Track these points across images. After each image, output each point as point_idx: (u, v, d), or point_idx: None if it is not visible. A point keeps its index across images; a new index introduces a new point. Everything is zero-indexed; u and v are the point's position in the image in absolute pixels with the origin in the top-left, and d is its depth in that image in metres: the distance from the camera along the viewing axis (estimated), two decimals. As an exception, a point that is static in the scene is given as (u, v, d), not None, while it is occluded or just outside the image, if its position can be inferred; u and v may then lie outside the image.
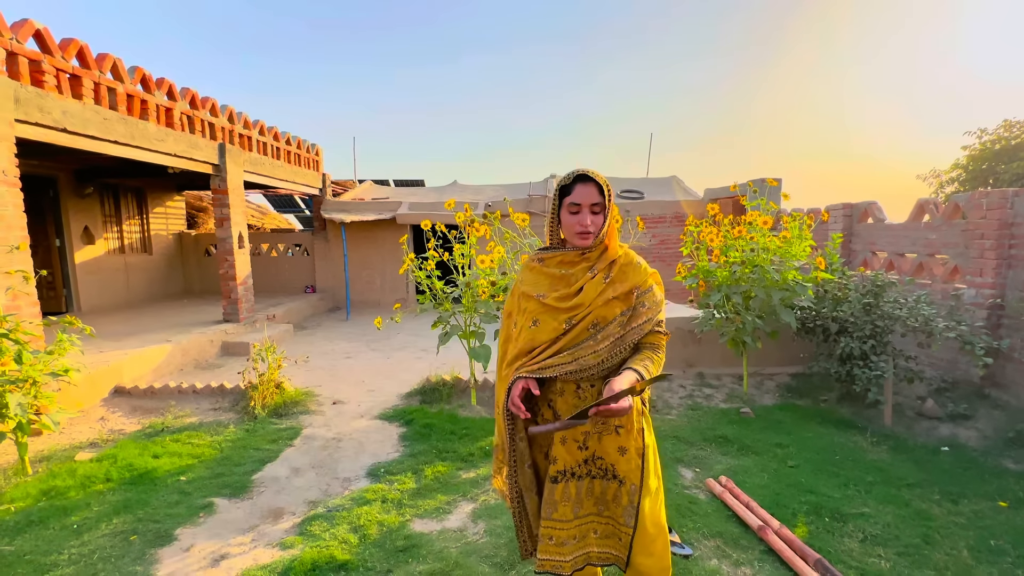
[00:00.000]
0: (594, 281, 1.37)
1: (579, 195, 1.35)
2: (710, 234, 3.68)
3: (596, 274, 1.38)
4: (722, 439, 3.33)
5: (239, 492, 2.76)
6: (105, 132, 4.26)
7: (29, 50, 3.68)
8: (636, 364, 1.32)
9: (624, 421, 1.38)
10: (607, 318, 1.36)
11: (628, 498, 1.39)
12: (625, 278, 1.38)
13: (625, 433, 1.39)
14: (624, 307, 1.36)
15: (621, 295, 1.36)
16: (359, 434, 3.57)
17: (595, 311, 1.36)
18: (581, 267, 1.40)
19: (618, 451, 1.39)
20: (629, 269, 1.40)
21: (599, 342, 1.35)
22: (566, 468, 1.40)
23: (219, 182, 5.94)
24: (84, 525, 2.41)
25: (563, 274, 1.42)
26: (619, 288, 1.37)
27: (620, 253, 1.41)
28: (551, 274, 1.43)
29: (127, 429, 3.68)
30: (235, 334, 5.97)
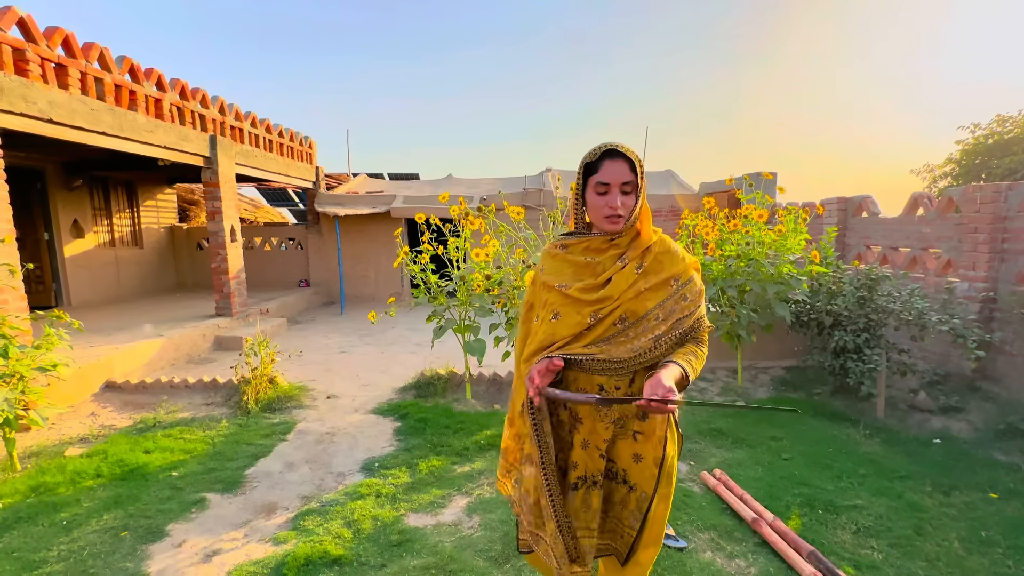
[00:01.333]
0: (624, 271, 1.24)
1: (608, 173, 1.20)
2: (705, 227, 3.67)
3: (627, 263, 1.24)
4: (716, 432, 3.34)
5: (232, 487, 2.74)
6: (93, 123, 4.18)
7: (12, 38, 3.60)
8: (679, 358, 1.18)
9: (644, 427, 1.27)
10: (637, 313, 1.22)
11: (636, 504, 1.31)
12: (661, 268, 1.24)
13: (643, 440, 1.28)
14: (659, 300, 1.23)
15: (655, 286, 1.23)
16: (353, 428, 3.55)
17: (624, 304, 1.22)
18: (610, 255, 1.26)
19: (632, 458, 1.29)
20: (666, 258, 1.26)
21: (631, 339, 1.22)
22: (587, 475, 1.30)
23: (210, 175, 5.86)
24: (74, 521, 2.38)
25: (588, 262, 1.28)
26: (653, 279, 1.23)
27: (655, 239, 1.27)
28: (575, 262, 1.30)
29: (118, 424, 3.64)
30: (228, 328, 5.92)
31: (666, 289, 1.23)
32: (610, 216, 1.22)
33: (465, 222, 3.67)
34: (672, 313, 1.22)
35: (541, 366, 1.19)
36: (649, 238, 1.26)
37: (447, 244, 3.85)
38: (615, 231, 1.24)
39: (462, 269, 3.83)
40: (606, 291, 1.23)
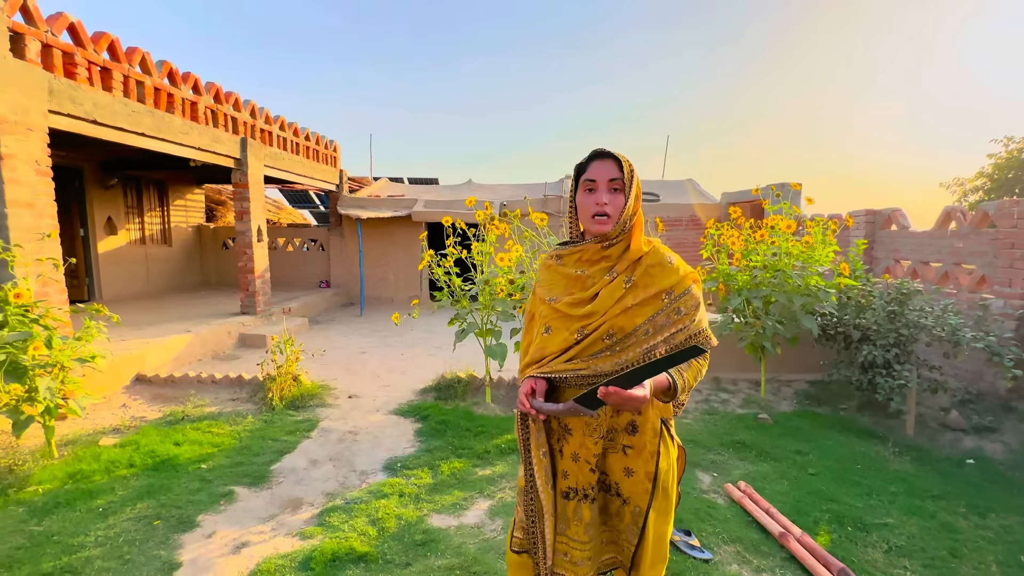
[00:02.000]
0: (612, 285, 1.21)
1: (595, 170, 1.21)
2: (731, 237, 3.64)
3: (616, 276, 1.21)
4: (740, 444, 3.30)
5: (259, 481, 2.80)
6: (133, 124, 4.33)
7: (63, 43, 3.76)
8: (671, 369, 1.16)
9: (633, 441, 1.24)
10: (625, 329, 1.18)
11: (631, 518, 1.28)
12: (651, 281, 1.20)
13: (634, 454, 1.25)
14: (649, 315, 1.18)
15: (644, 301, 1.19)
16: (375, 428, 3.59)
17: (611, 320, 1.19)
18: (600, 267, 1.24)
19: (623, 472, 1.27)
20: (657, 270, 1.21)
21: (617, 353, 1.19)
22: (578, 487, 1.29)
23: (240, 176, 6.01)
24: (109, 508, 2.46)
25: (579, 275, 1.26)
26: (641, 294, 1.19)
27: (646, 250, 1.23)
28: (567, 274, 1.28)
29: (148, 416, 3.74)
30: (252, 326, 6.04)
31: (656, 303, 1.19)
32: (598, 214, 1.19)
33: (491, 227, 3.70)
34: (663, 328, 1.18)
35: (526, 387, 1.24)
36: (639, 249, 1.22)
37: (470, 248, 3.89)
38: (603, 232, 1.21)
39: (485, 273, 3.86)
40: (592, 306, 1.21)
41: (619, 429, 1.25)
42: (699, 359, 1.20)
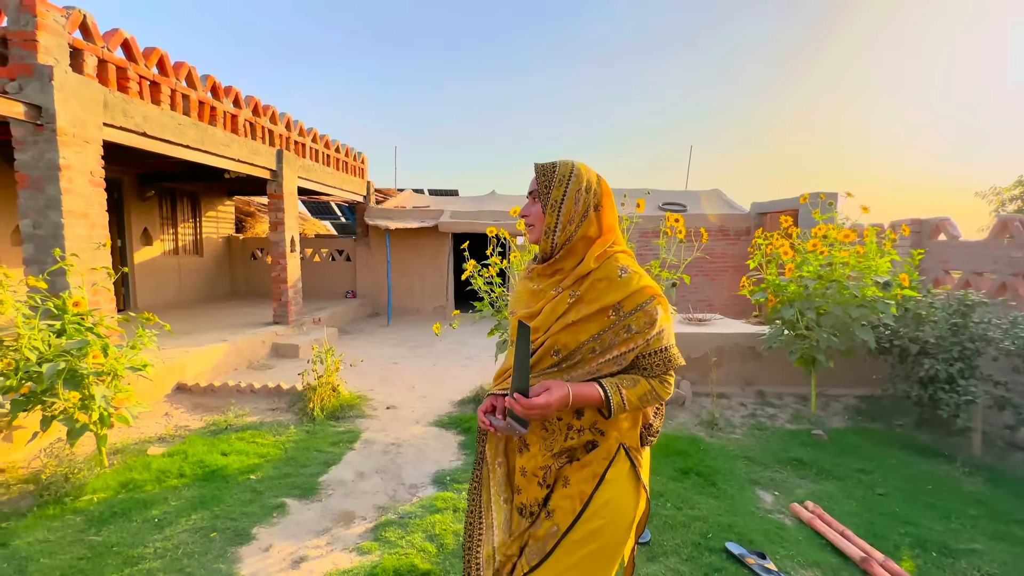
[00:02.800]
0: (556, 300, 1.14)
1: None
2: (782, 247, 3.55)
3: (561, 291, 1.14)
4: (797, 462, 3.17)
5: (308, 494, 2.76)
6: (179, 137, 4.42)
7: (117, 58, 3.86)
8: (607, 380, 1.10)
9: (585, 457, 1.14)
10: (569, 346, 1.11)
11: (545, 535, 1.13)
12: (596, 296, 1.10)
13: (579, 466, 1.15)
14: (594, 331, 1.10)
15: (588, 317, 1.10)
16: (418, 440, 3.54)
17: (552, 336, 1.12)
18: (552, 281, 1.18)
19: (561, 480, 1.16)
20: (603, 284, 1.10)
21: (565, 370, 1.13)
22: (526, 503, 1.19)
23: (275, 187, 6.09)
24: (165, 519, 2.43)
25: (535, 289, 1.21)
26: (585, 309, 1.10)
27: (594, 266, 1.13)
28: (528, 288, 1.24)
29: (192, 425, 3.74)
30: (284, 336, 6.06)
31: (601, 320, 1.10)
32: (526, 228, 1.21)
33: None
34: (612, 347, 1.10)
35: (486, 404, 1.23)
36: (588, 266, 1.13)
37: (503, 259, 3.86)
38: (531, 241, 1.22)
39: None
40: (536, 322, 1.15)
41: (577, 448, 1.16)
42: (650, 379, 1.12)
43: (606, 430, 1.15)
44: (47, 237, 3.35)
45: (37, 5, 3.23)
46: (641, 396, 1.10)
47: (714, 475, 2.93)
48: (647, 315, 1.09)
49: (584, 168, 1.17)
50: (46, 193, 3.31)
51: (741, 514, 2.54)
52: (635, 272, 1.13)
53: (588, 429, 1.15)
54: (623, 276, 1.11)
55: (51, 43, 3.32)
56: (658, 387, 1.12)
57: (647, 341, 1.10)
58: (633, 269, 1.13)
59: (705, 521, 2.45)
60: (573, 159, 1.18)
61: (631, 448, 1.17)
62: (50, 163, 3.29)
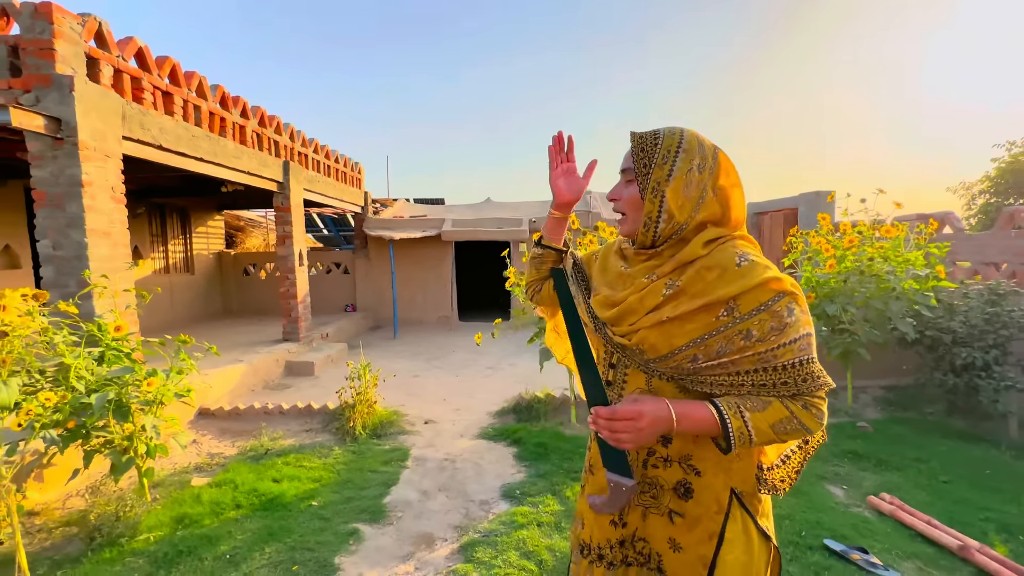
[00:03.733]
0: (646, 290, 0.92)
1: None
2: (821, 243, 3.63)
3: (655, 280, 0.92)
4: (852, 454, 3.23)
5: (377, 517, 2.63)
6: (192, 149, 4.22)
7: (132, 68, 3.66)
8: (724, 400, 0.85)
9: (684, 509, 0.92)
10: (658, 349, 0.89)
11: None
12: (702, 289, 0.87)
13: (683, 527, 0.92)
14: (696, 335, 0.86)
15: (687, 315, 0.87)
16: (469, 454, 3.44)
17: (638, 335, 0.91)
18: (642, 267, 0.96)
19: (668, 543, 0.94)
20: (714, 275, 0.86)
21: (643, 380, 0.93)
22: (592, 544, 1.02)
23: (282, 200, 5.89)
24: (237, 555, 2.28)
25: (622, 272, 1.01)
26: (685, 304, 0.87)
27: (703, 252, 0.89)
28: (615, 268, 1.04)
29: (225, 452, 3.54)
30: (297, 353, 5.84)
31: (707, 320, 0.86)
32: (616, 211, 1.00)
33: (582, 240, 3.64)
34: (721, 355, 0.85)
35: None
36: (695, 251, 0.89)
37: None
38: (624, 232, 1.00)
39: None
40: (612, 312, 0.96)
41: (664, 486, 0.94)
42: (788, 402, 0.84)
43: (704, 468, 0.91)
44: (69, 258, 3.13)
45: (53, 12, 3.03)
46: (775, 424, 0.82)
47: (781, 472, 2.94)
48: (774, 317, 0.82)
49: (696, 137, 0.92)
50: (67, 211, 3.10)
51: (822, 510, 2.55)
52: (759, 262, 0.86)
53: (678, 463, 0.92)
54: (742, 265, 0.85)
55: (68, 52, 3.12)
56: (801, 413, 0.82)
57: (772, 352, 0.82)
58: (756, 257, 0.88)
59: (792, 519, 2.45)
60: (682, 127, 0.93)
61: (745, 495, 0.92)
62: (71, 179, 3.08)
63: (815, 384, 0.83)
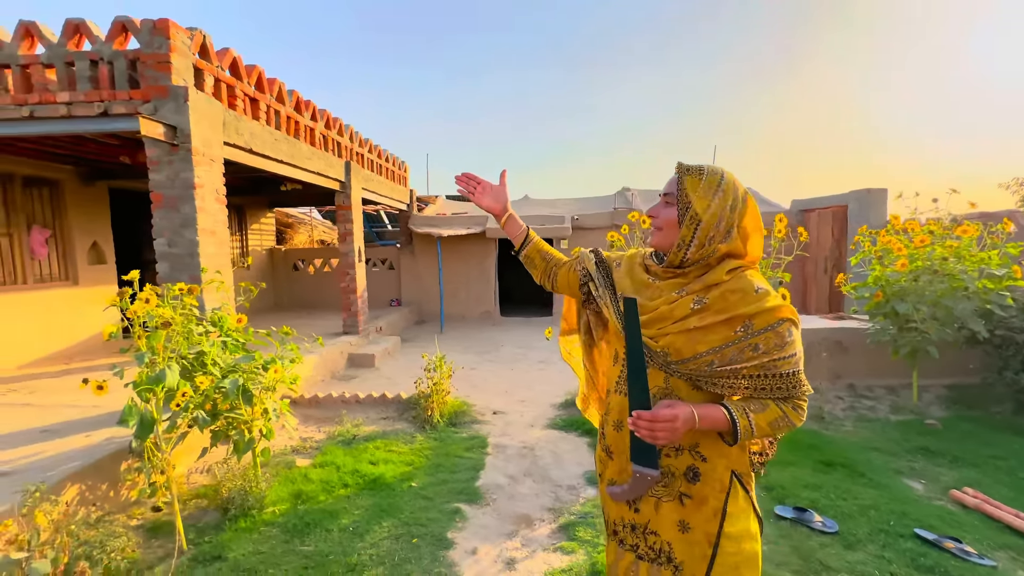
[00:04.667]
0: (676, 303, 1.08)
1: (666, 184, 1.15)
2: (892, 242, 3.67)
3: (684, 295, 1.09)
4: (925, 450, 3.28)
5: (475, 499, 2.82)
6: (275, 152, 4.47)
7: (228, 77, 3.92)
8: (732, 403, 1.04)
9: (693, 491, 1.08)
10: (683, 352, 1.06)
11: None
12: (726, 306, 1.04)
13: (692, 506, 1.08)
14: (716, 344, 1.04)
15: (712, 327, 1.04)
16: (545, 443, 3.61)
17: (666, 339, 1.08)
18: (671, 283, 1.13)
19: (678, 527, 1.09)
20: (736, 297, 1.04)
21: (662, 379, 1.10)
22: (609, 520, 1.22)
23: (343, 198, 6.15)
24: (359, 527, 2.49)
25: (649, 282, 1.17)
26: (710, 318, 1.04)
27: (726, 278, 1.07)
28: (640, 278, 1.20)
29: (315, 436, 3.79)
30: (358, 346, 6.11)
31: (726, 332, 1.04)
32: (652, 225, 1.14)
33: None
34: (731, 362, 1.03)
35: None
36: (720, 276, 1.07)
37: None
38: (656, 245, 1.15)
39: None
40: (646, 317, 1.10)
41: (676, 473, 1.10)
42: (781, 404, 1.03)
43: (709, 455, 1.08)
44: (182, 255, 3.40)
45: (170, 28, 3.29)
46: (772, 422, 1.02)
47: (857, 466, 3.03)
48: (778, 336, 1.02)
49: (734, 181, 1.09)
50: (181, 212, 3.36)
51: (905, 502, 2.64)
52: (771, 291, 1.07)
53: (688, 451, 1.09)
54: (759, 292, 1.05)
55: (181, 64, 3.37)
56: (791, 413, 1.03)
57: (774, 362, 1.02)
58: (768, 287, 1.08)
59: (878, 510, 2.54)
60: (723, 167, 1.09)
61: (743, 475, 1.11)
62: (185, 182, 3.34)
63: (802, 390, 1.04)
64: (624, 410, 1.15)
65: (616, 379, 1.21)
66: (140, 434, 2.20)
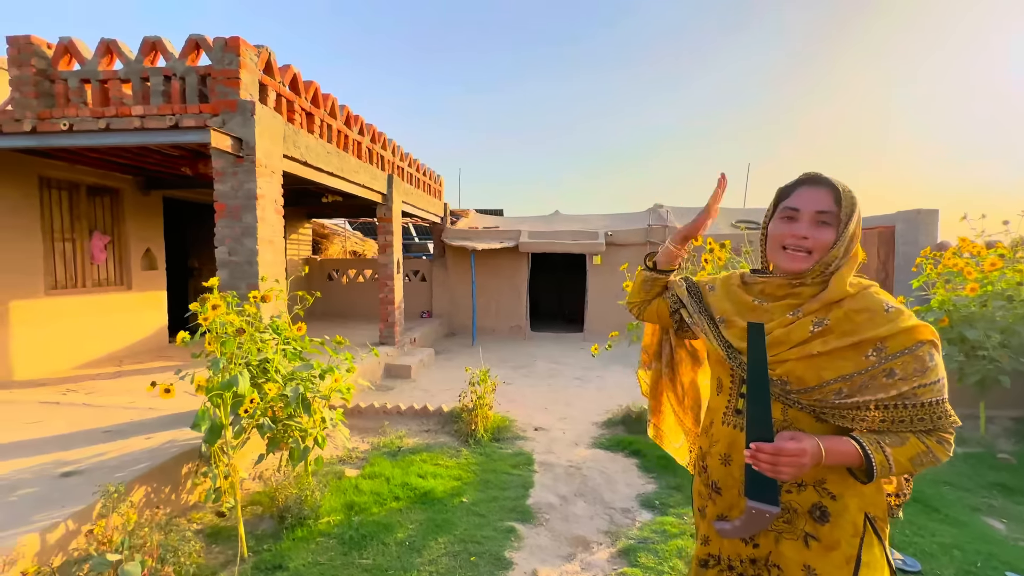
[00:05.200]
0: (792, 325, 1.00)
1: (800, 198, 1.01)
2: (962, 265, 3.52)
3: (801, 316, 1.00)
4: (1001, 487, 3.10)
5: (528, 518, 2.76)
6: (326, 164, 4.59)
7: (288, 92, 4.05)
8: (865, 435, 0.93)
9: (820, 533, 0.98)
10: (805, 380, 0.97)
11: None
12: (852, 328, 0.95)
13: (820, 551, 0.98)
14: (844, 371, 0.95)
15: (838, 352, 0.95)
16: (592, 463, 3.53)
17: (784, 367, 0.99)
18: (784, 303, 1.04)
19: (802, 571, 1.00)
20: (864, 317, 0.96)
21: (779, 410, 1.00)
22: (720, 555, 1.11)
23: (385, 211, 6.25)
24: (415, 542, 2.46)
25: (756, 305, 1.08)
26: (835, 341, 0.95)
27: (852, 292, 0.99)
28: (742, 300, 1.10)
29: (360, 447, 3.79)
30: (394, 357, 6.14)
31: (856, 358, 0.94)
32: (792, 247, 1.01)
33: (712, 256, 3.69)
34: (864, 390, 0.93)
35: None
36: (842, 290, 0.98)
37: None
38: (796, 270, 1.01)
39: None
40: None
41: (799, 511, 1.00)
42: (923, 437, 0.92)
43: (840, 492, 0.98)
44: (242, 263, 3.48)
45: (241, 45, 3.42)
46: (913, 458, 0.91)
47: (930, 501, 2.87)
48: (918, 360, 0.92)
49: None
50: (243, 221, 3.46)
51: (991, 542, 2.48)
52: (904, 310, 0.97)
53: (813, 486, 0.99)
54: (890, 311, 0.95)
55: (248, 80, 3.50)
56: (936, 448, 0.92)
57: (914, 391, 0.91)
58: (899, 305, 0.98)
59: (962, 550, 2.39)
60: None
61: (878, 520, 0.99)
62: (248, 193, 3.44)
63: (948, 421, 0.93)
64: (734, 443, 1.08)
65: (723, 410, 1.13)
66: (209, 438, 2.23)
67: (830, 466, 0.95)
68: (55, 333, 4.72)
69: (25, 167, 4.40)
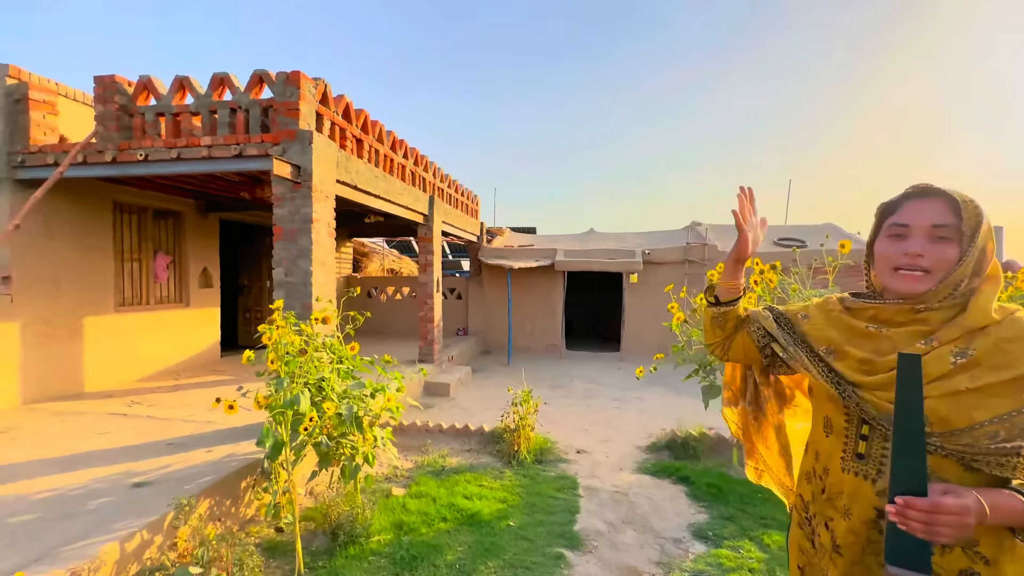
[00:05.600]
0: (929, 357, 0.86)
1: (908, 212, 0.91)
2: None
3: (935, 345, 0.87)
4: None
5: (575, 544, 2.72)
6: (373, 187, 4.76)
7: (342, 121, 4.25)
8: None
9: None
10: (950, 421, 0.83)
11: None
12: (1006, 362, 0.83)
13: None
14: (1001, 411, 0.81)
15: (992, 388, 0.82)
16: (639, 489, 3.45)
17: (927, 404, 0.84)
18: (909, 330, 0.91)
19: None
20: (1017, 346, 0.83)
21: (930, 454, 0.85)
22: None
23: (425, 231, 6.41)
24: (465, 566, 2.46)
25: (871, 331, 0.95)
26: (987, 376, 0.83)
27: (998, 318, 0.86)
28: (851, 326, 0.98)
29: (403, 465, 3.83)
30: (433, 374, 6.21)
31: (1013, 395, 0.81)
32: (904, 268, 0.90)
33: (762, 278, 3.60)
34: (1019, 434, 0.80)
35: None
36: (986, 315, 0.85)
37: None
38: (914, 292, 0.90)
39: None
40: (884, 377, 0.89)
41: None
42: None
43: (994, 557, 0.84)
44: (297, 284, 3.63)
45: (301, 79, 3.63)
46: None
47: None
48: None
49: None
50: (299, 244, 3.62)
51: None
52: None
53: (962, 548, 0.86)
54: None
55: (306, 111, 3.71)
56: None
57: None
58: None
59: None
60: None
61: None
62: (304, 217, 3.61)
63: None
64: (858, 493, 0.94)
65: (839, 455, 0.99)
66: (272, 455, 2.31)
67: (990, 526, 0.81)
68: (121, 348, 5.02)
69: (102, 193, 4.76)
